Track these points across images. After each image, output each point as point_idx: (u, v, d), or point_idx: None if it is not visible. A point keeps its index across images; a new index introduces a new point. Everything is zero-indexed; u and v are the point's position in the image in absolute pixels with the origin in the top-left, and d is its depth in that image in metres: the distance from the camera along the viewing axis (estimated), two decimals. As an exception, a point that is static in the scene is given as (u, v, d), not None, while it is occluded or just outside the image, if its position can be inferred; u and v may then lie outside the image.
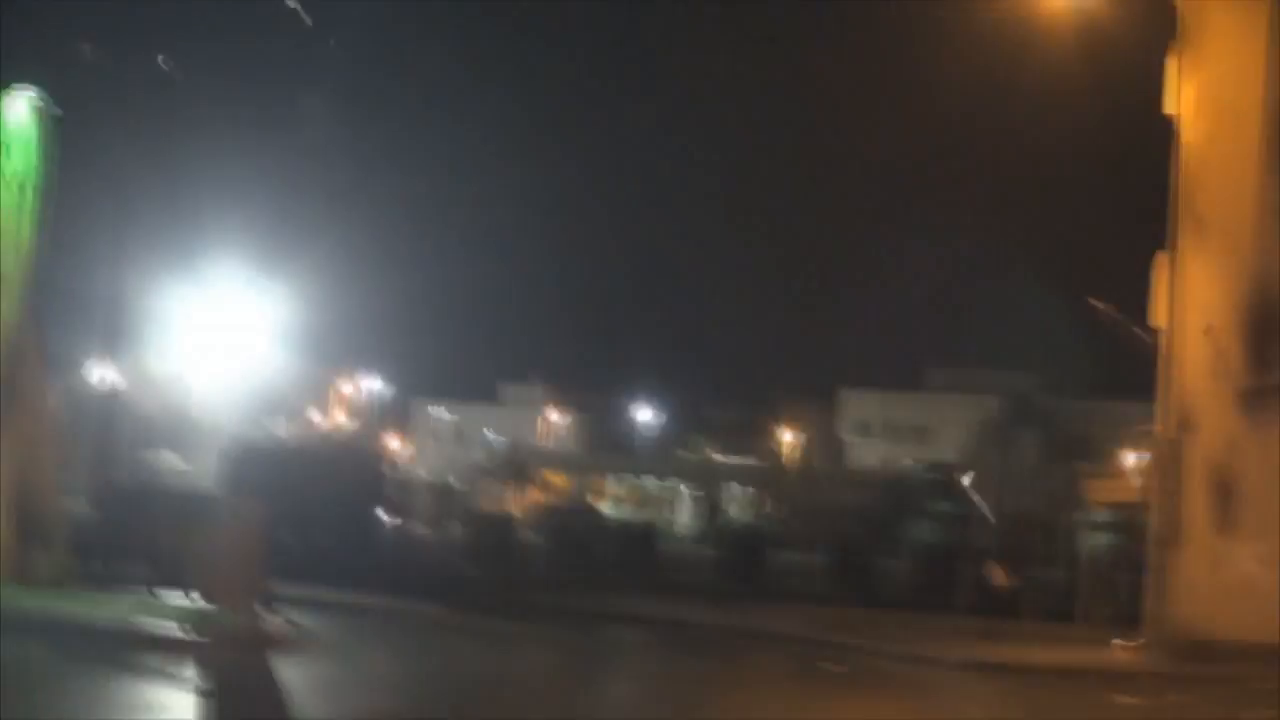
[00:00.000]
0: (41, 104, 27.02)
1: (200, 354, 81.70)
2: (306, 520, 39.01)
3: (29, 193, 27.06)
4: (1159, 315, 29.61)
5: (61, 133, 27.21)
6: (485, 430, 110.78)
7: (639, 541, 47.45)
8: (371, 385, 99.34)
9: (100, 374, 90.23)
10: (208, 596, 21.84)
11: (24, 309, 27.13)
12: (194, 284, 76.08)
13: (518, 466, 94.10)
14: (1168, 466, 28.84)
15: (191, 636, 20.98)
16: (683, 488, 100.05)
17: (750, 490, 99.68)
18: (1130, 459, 58.51)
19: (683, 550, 53.79)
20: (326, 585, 32.79)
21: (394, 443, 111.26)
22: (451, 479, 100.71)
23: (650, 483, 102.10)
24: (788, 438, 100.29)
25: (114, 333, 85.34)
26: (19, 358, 26.82)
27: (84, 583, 27.27)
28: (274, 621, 23.18)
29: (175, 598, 23.50)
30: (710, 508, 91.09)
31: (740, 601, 36.83)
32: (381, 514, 45.40)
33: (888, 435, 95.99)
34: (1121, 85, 34.79)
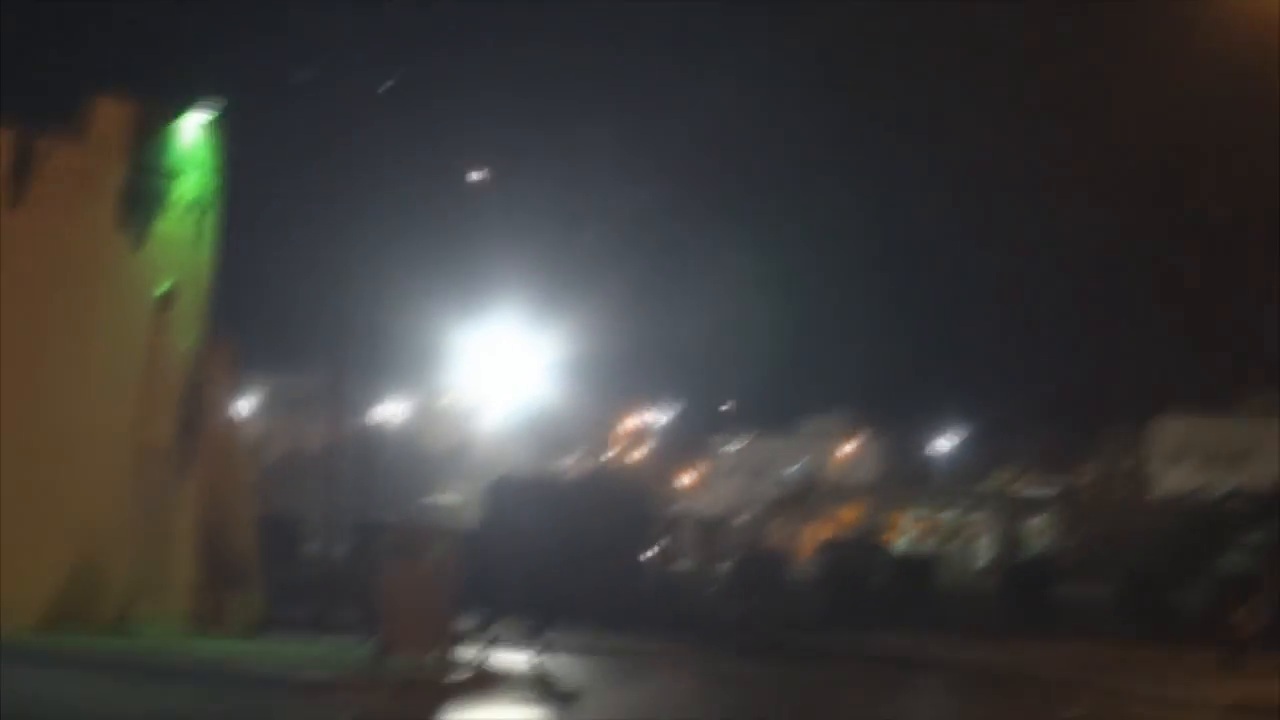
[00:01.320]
0: (218, 124, 26.70)
1: (487, 390, 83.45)
2: (566, 558, 38.86)
3: (205, 217, 27.12)
4: None
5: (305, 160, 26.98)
6: (785, 465, 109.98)
7: (917, 575, 46.02)
8: (659, 418, 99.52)
9: (390, 412, 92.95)
10: (388, 639, 21.39)
11: (205, 338, 27.22)
12: (483, 322, 77.81)
13: (808, 500, 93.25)
14: None
15: (350, 682, 20.60)
16: (981, 520, 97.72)
17: (1048, 521, 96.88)
18: None
19: (967, 584, 52.11)
20: (583, 625, 32.55)
21: (682, 477, 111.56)
22: (740, 514, 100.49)
23: (948, 515, 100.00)
24: (1091, 466, 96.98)
25: (405, 370, 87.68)
26: (202, 391, 26.84)
27: (286, 628, 27.48)
28: (471, 664, 22.82)
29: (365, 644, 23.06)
30: (1007, 540, 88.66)
31: (1017, 637, 35.35)
32: (646, 551, 45.06)
33: (1201, 461, 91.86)
34: None
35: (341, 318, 37.88)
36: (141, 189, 26.13)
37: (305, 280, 44.91)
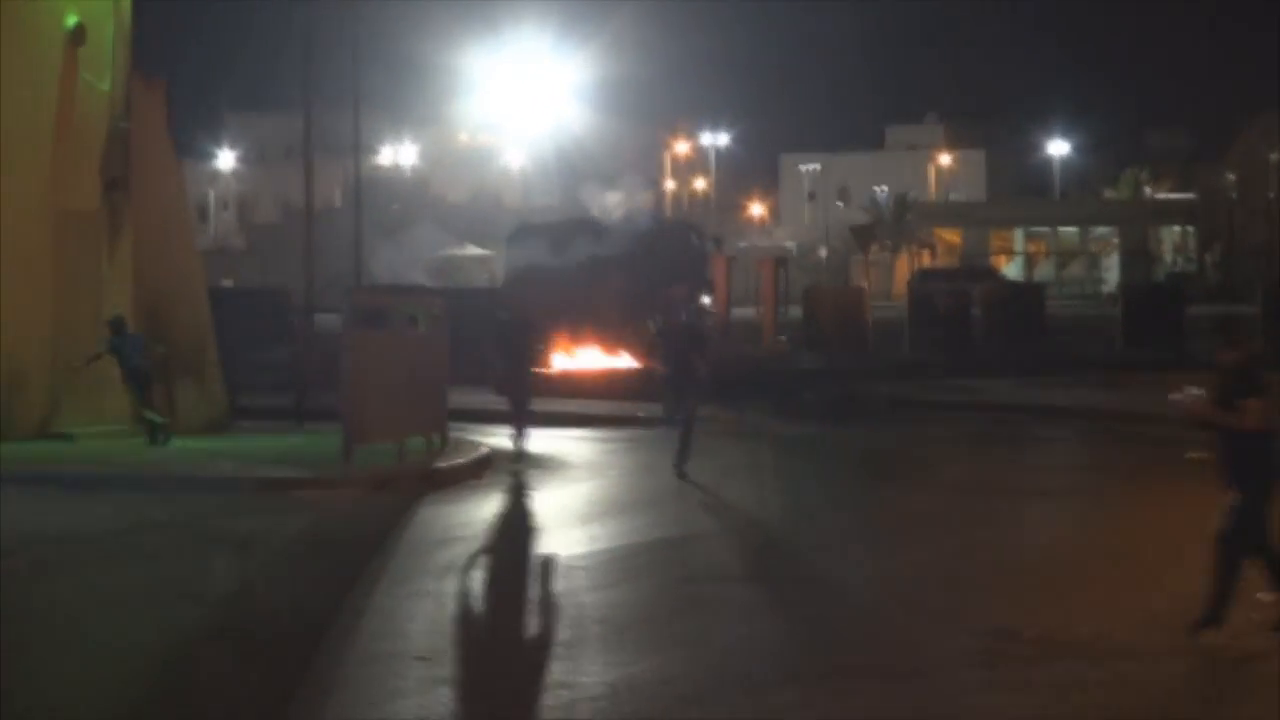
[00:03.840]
0: None
1: (512, 123, 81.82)
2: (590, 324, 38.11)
3: None
4: None
5: None
6: (871, 185, 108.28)
7: (1025, 308, 44.85)
8: (717, 142, 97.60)
9: (394, 155, 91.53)
10: (354, 427, 20.46)
11: (130, 77, 25.96)
12: (503, 43, 75.91)
13: (900, 224, 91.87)
14: None
15: (314, 479, 19.85)
16: (1107, 235, 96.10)
17: (1189, 233, 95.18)
18: None
19: (1087, 314, 51.00)
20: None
21: (753, 207, 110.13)
22: (819, 247, 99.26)
23: (1068, 233, 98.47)
24: (1238, 162, 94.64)
25: (408, 106, 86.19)
26: (130, 141, 25.68)
27: (260, 420, 26.86)
28: (463, 452, 22.04)
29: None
30: (1140, 259, 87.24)
31: (1141, 372, 34.33)
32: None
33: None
34: None
35: (331, 40, 36.48)
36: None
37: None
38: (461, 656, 11.81)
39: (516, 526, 17.68)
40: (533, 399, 22.82)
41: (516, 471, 21.30)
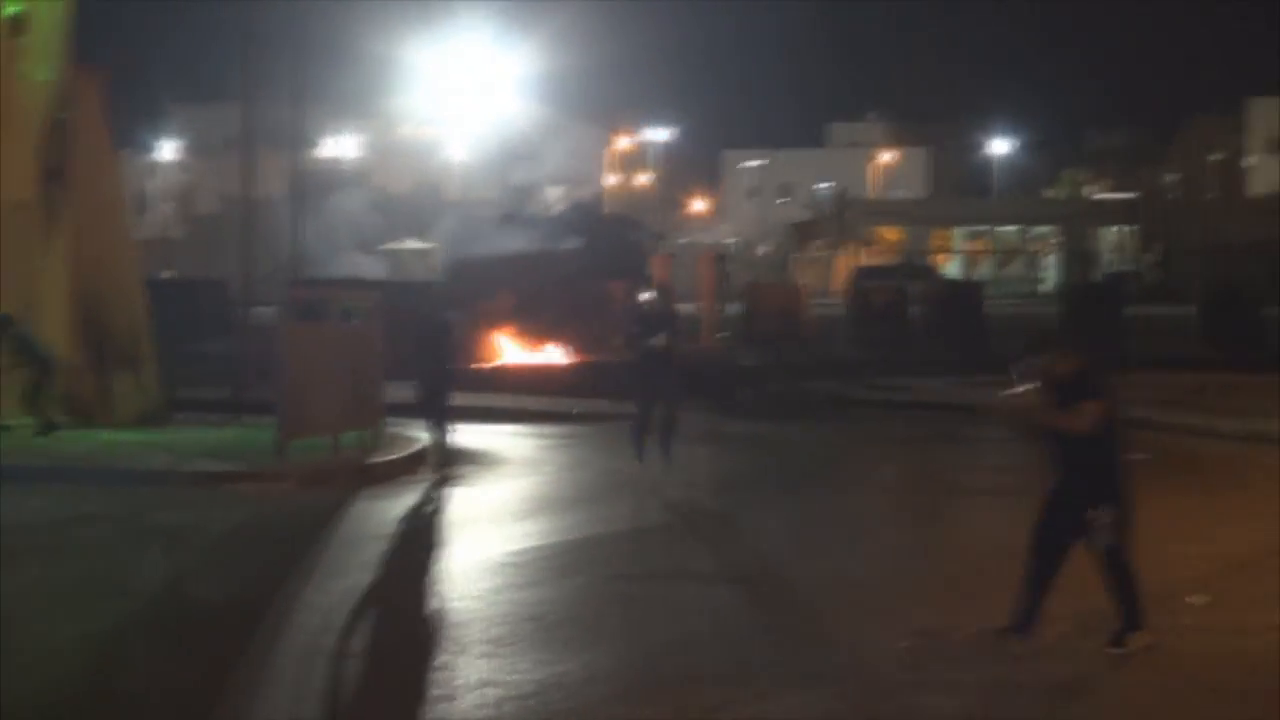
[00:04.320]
0: None
1: (453, 116, 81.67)
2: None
3: None
4: None
5: None
6: (812, 182, 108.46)
7: (962, 307, 45.03)
8: (660, 138, 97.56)
9: (336, 147, 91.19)
10: (290, 420, 20.43)
11: (69, 67, 25.79)
12: (443, 35, 75.79)
13: (840, 222, 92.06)
14: None
15: (246, 473, 19.83)
16: (1047, 235, 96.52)
17: (1129, 233, 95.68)
18: None
19: (1026, 313, 51.25)
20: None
21: (694, 203, 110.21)
22: (760, 244, 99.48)
23: (1008, 233, 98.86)
24: (1176, 163, 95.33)
25: (350, 98, 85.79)
26: (67, 131, 25.50)
27: (196, 413, 26.65)
28: (399, 446, 22.04)
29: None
30: (1079, 258, 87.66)
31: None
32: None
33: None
34: None
35: (271, 31, 36.28)
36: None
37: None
38: (392, 652, 11.83)
39: (450, 522, 17.69)
40: (452, 395, 22.53)
41: (450, 466, 21.28)
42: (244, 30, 35.75)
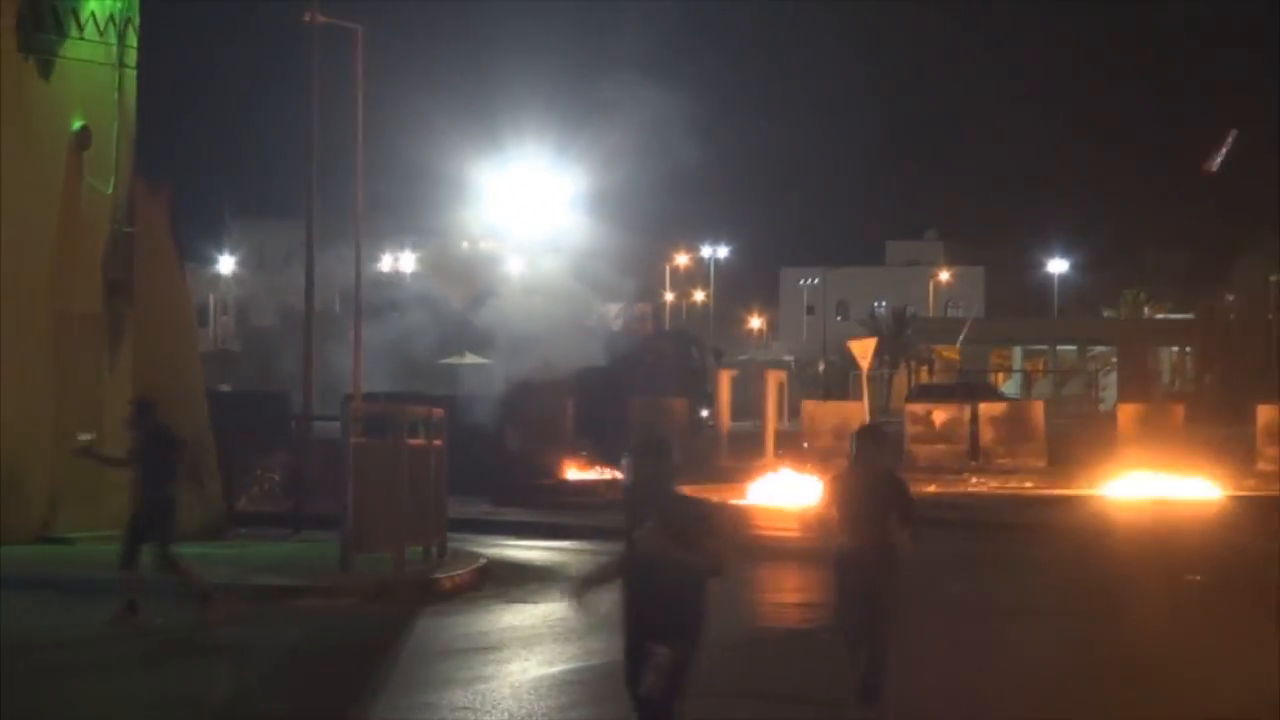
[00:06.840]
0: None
1: (511, 232, 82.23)
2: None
3: (125, 34, 26.02)
4: None
5: None
6: (870, 300, 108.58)
7: (1023, 422, 45.10)
8: (717, 254, 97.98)
9: (395, 262, 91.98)
10: (355, 534, 20.46)
11: (133, 181, 26.07)
12: (502, 153, 76.36)
13: (899, 339, 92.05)
14: None
15: (309, 587, 19.84)
16: (1106, 355, 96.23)
17: (1187, 354, 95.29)
18: None
19: (1086, 431, 51.11)
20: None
21: (752, 320, 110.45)
22: (818, 360, 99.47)
23: (1067, 351, 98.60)
24: (1235, 286, 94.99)
25: (412, 215, 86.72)
26: (132, 245, 25.72)
27: (258, 527, 26.71)
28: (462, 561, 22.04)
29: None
30: (1139, 377, 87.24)
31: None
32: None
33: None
34: None
35: (333, 151, 36.80)
36: (44, 3, 25.11)
37: (284, 109, 43.78)
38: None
39: (515, 639, 17.66)
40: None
41: (515, 584, 21.29)
42: (306, 146, 36.33)
